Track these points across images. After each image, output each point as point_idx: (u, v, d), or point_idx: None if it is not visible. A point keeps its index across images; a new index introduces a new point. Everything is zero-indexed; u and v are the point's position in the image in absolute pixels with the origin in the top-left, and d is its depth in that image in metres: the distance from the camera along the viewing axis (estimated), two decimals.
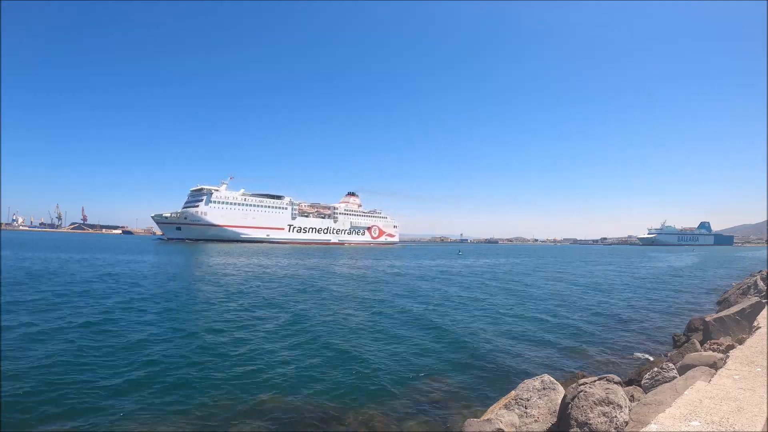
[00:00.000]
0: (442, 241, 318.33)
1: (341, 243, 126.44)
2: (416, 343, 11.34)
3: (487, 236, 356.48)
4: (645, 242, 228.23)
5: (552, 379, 5.77)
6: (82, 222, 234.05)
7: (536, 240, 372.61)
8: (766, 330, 6.72)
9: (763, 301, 10.94)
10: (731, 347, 6.80)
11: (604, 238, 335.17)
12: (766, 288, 15.89)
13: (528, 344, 11.65)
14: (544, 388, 5.58)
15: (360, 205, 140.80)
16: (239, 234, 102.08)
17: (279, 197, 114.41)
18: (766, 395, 3.65)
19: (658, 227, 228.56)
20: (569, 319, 15.35)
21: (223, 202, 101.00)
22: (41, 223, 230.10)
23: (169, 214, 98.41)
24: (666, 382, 5.38)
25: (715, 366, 5.17)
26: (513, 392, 5.84)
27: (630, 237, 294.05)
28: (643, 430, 3.16)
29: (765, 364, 4.67)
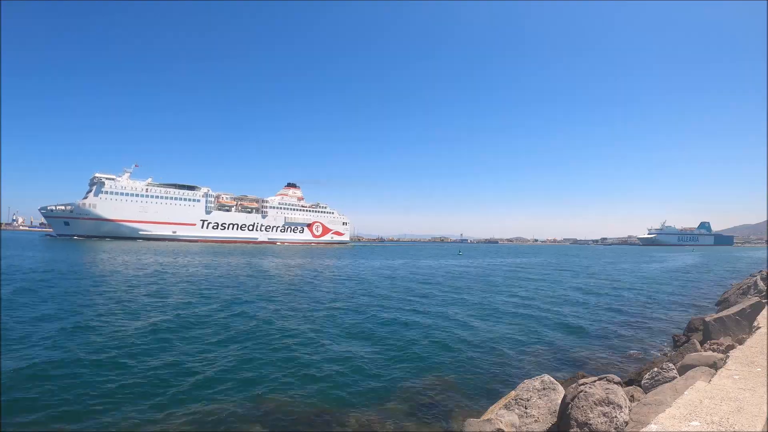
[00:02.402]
0: (443, 241, 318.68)
1: (272, 242, 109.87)
2: (415, 344, 11.34)
3: (488, 236, 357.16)
4: (645, 242, 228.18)
5: (552, 379, 5.76)
6: None
7: (536, 240, 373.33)
8: (766, 330, 6.72)
9: (763, 301, 10.93)
10: (731, 347, 6.79)
11: (604, 238, 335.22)
12: (766, 288, 15.87)
13: (528, 344, 11.65)
14: (544, 388, 5.58)
15: (301, 198, 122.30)
16: (137, 230, 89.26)
17: (192, 188, 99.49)
18: (766, 395, 3.65)
19: (658, 227, 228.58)
20: (569, 319, 15.35)
21: (118, 193, 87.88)
22: (41, 224, 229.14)
23: (54, 207, 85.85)
24: (666, 382, 5.37)
25: (715, 366, 5.17)
26: (513, 392, 5.84)
27: (630, 237, 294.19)
28: (643, 430, 3.16)
29: (765, 364, 4.67)
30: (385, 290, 22.46)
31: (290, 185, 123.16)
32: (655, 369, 5.95)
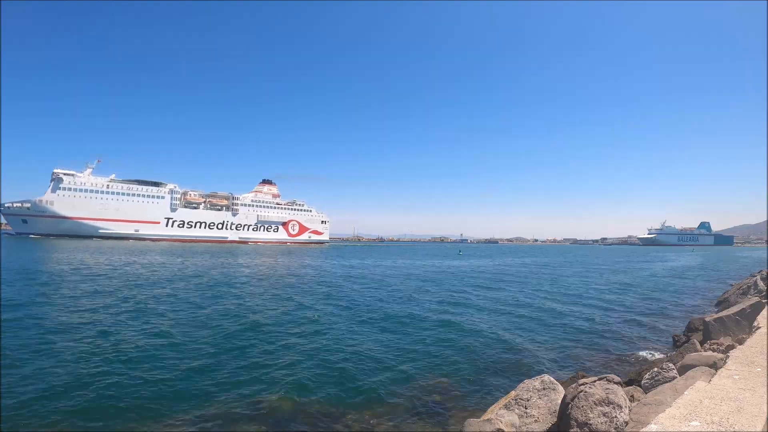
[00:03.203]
0: (443, 241, 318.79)
1: (243, 241, 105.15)
2: (415, 344, 11.34)
3: (488, 236, 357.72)
4: (645, 242, 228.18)
5: (552, 379, 5.76)
6: None
7: (536, 240, 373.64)
8: (766, 330, 6.72)
9: (763, 301, 10.93)
10: (731, 347, 6.80)
11: (604, 238, 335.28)
12: (766, 288, 15.88)
13: (528, 344, 11.64)
14: (544, 388, 5.58)
15: (277, 196, 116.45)
16: (97, 228, 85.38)
17: (157, 184, 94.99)
18: (766, 395, 3.65)
19: (658, 227, 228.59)
20: (569, 320, 15.35)
21: (77, 189, 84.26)
22: None
23: (11, 204, 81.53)
24: (666, 382, 5.37)
25: (715, 366, 5.17)
26: (513, 392, 5.84)
27: (630, 237, 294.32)
28: (643, 430, 3.16)
29: (765, 364, 4.67)
30: (380, 291, 22.46)
31: (265, 182, 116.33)
32: (655, 369, 5.95)
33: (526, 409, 5.38)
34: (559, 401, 5.13)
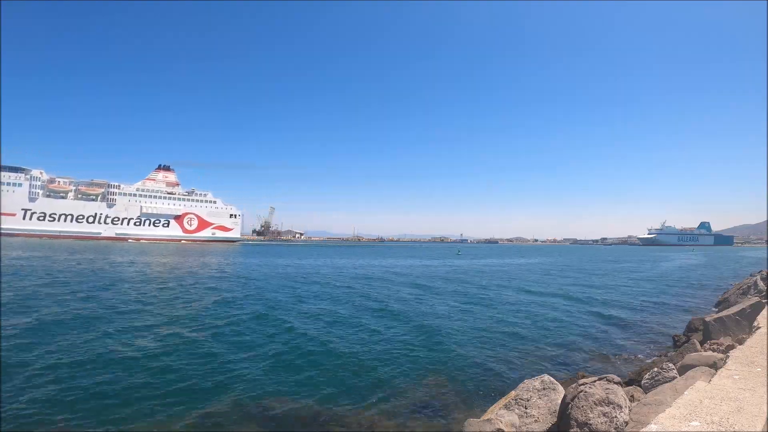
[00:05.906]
0: (443, 241, 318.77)
1: (122, 237, 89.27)
2: (416, 344, 11.34)
3: (487, 236, 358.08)
4: (645, 242, 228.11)
5: (552, 379, 5.76)
6: None
7: (536, 240, 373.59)
8: (766, 330, 6.72)
9: (763, 301, 10.92)
10: (731, 347, 6.79)
11: (604, 238, 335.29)
12: (766, 288, 15.87)
13: (528, 344, 11.64)
14: (544, 388, 5.58)
15: (174, 185, 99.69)
16: None
17: (16, 169, 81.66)
18: (766, 395, 3.65)
19: (658, 227, 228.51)
20: (569, 320, 15.34)
21: None
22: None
23: None
24: (666, 382, 5.37)
25: (715, 366, 5.17)
26: (513, 392, 5.84)
27: (630, 237, 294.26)
28: (643, 430, 3.16)
29: (765, 364, 4.67)
30: (370, 294, 22.44)
31: (161, 168, 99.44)
32: (655, 369, 5.94)
33: (526, 409, 5.37)
34: (559, 401, 5.12)
